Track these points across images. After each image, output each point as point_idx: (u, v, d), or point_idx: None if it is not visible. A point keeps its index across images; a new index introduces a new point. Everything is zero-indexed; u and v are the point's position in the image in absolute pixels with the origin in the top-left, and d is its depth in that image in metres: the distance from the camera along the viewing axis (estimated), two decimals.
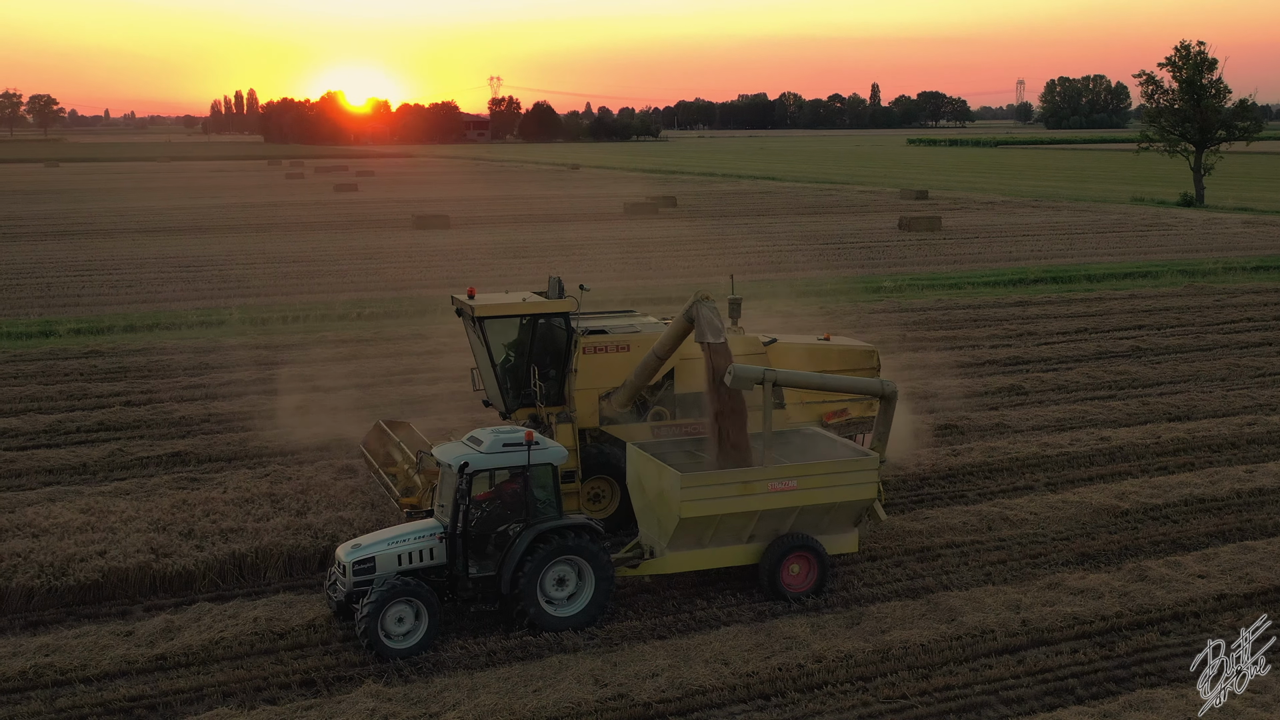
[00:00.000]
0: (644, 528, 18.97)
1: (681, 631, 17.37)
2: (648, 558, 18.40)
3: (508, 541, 17.04)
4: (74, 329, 42.10)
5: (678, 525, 17.75)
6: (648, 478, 18.63)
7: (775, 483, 18.19)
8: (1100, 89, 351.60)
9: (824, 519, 18.64)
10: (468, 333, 22.76)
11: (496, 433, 17.34)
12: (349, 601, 16.74)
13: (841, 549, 19.03)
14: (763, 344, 22.19)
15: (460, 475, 16.75)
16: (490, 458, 16.96)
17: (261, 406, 29.95)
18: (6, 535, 19.99)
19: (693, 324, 19.69)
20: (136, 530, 20.09)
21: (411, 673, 16.10)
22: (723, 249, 63.94)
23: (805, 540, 18.35)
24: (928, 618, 17.44)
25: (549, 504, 17.26)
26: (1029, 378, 32.71)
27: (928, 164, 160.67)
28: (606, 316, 23.52)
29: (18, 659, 16.21)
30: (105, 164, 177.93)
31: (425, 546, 17.00)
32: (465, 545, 16.91)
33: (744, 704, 15.31)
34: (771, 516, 18.24)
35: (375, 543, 17.09)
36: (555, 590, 17.14)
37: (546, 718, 14.75)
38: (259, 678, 15.94)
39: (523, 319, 21.73)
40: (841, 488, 18.62)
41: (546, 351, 21.78)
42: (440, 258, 60.17)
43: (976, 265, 57.07)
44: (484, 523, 17.09)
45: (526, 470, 17.04)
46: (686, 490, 17.63)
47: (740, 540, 18.36)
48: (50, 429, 28.32)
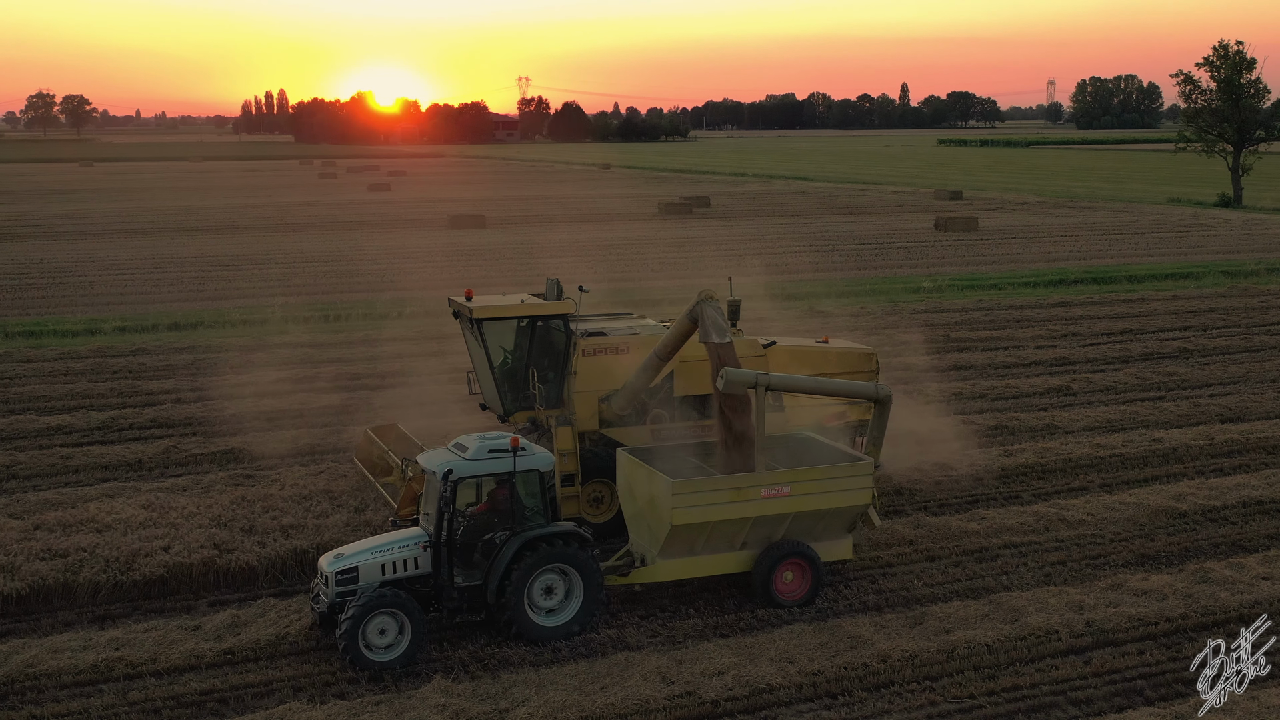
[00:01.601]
0: (635, 535, 18.56)
1: (744, 630, 17.38)
2: (639, 565, 18.04)
3: (494, 550, 16.67)
4: (119, 327, 42.43)
5: (669, 532, 17.36)
6: (638, 484, 18.23)
7: (768, 489, 17.78)
8: (1132, 89, 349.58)
9: (818, 525, 18.26)
10: (465, 335, 22.55)
11: (482, 439, 16.94)
12: (332, 613, 16.30)
13: (835, 556, 18.64)
14: (762, 346, 21.91)
15: (444, 483, 16.29)
16: (475, 464, 16.55)
17: (311, 404, 30.17)
18: (71, 530, 20.20)
19: (696, 324, 19.45)
20: (198, 526, 20.27)
21: (478, 669, 16.18)
22: (759, 249, 63.81)
23: (799, 547, 17.98)
24: (991, 618, 17.39)
25: (537, 511, 16.88)
26: (1076, 378, 32.55)
27: (959, 164, 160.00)
28: (604, 319, 23.18)
29: (89, 652, 16.37)
30: (139, 164, 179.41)
31: (409, 556, 16.56)
32: (450, 554, 16.48)
33: (811, 703, 15.32)
34: (764, 523, 17.87)
35: (358, 552, 16.66)
36: (543, 599, 16.78)
37: (616, 714, 14.80)
38: (326, 673, 16.05)
39: (520, 321, 21.48)
40: (836, 493, 18.20)
41: (545, 354, 21.51)
42: (477, 257, 60.32)
43: (1015, 266, 56.80)
44: (470, 531, 16.71)
45: (512, 477, 16.64)
46: (678, 497, 17.23)
47: (733, 547, 17.98)
48: (104, 426, 28.59)
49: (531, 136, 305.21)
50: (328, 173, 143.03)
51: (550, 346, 21.54)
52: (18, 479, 24.67)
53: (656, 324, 22.80)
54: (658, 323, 22.99)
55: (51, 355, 37.16)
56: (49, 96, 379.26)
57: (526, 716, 14.62)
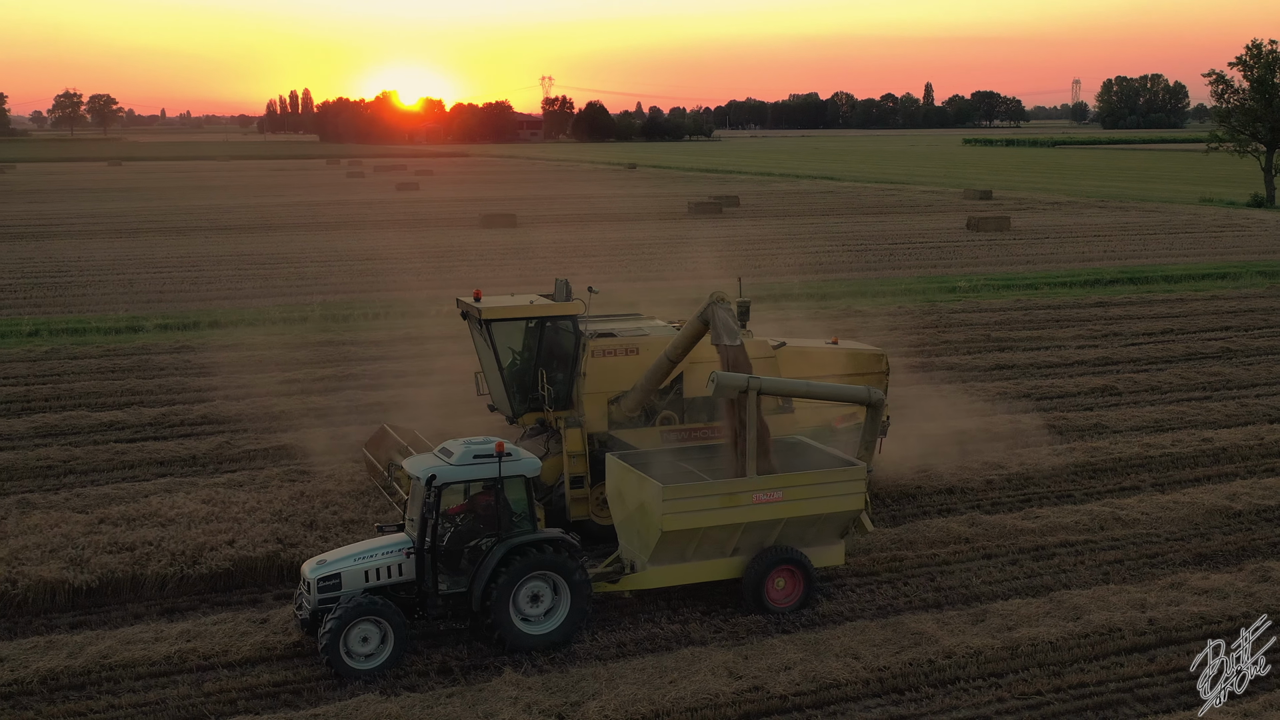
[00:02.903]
0: (624, 541, 18.31)
1: (807, 625, 17.49)
2: (628, 572, 17.79)
3: (480, 557, 16.49)
4: (160, 325, 42.78)
5: (659, 539, 17.15)
6: (628, 489, 17.98)
7: (760, 494, 17.54)
8: (1158, 88, 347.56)
9: (810, 531, 18.06)
10: (473, 336, 22.44)
11: (468, 444, 16.69)
12: (315, 620, 16.17)
13: (827, 562, 18.45)
14: (772, 348, 21.77)
15: (428, 488, 16.15)
16: (459, 470, 16.34)
17: (358, 401, 30.39)
18: (136, 524, 20.47)
19: (707, 326, 19.28)
20: (260, 521, 20.51)
21: (546, 663, 16.33)
22: (792, 248, 63.95)
23: (791, 553, 17.77)
24: (1053, 615, 17.43)
25: (524, 517, 16.69)
26: (1121, 378, 32.52)
27: (986, 164, 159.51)
28: (613, 319, 23.04)
29: (161, 644, 16.60)
30: (166, 162, 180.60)
31: (393, 562, 16.36)
32: (434, 561, 16.31)
33: (878, 698, 15.42)
34: (756, 529, 17.65)
35: (341, 558, 16.48)
36: (529, 607, 16.54)
37: (685, 708, 14.93)
38: (397, 666, 16.21)
39: (529, 322, 21.35)
40: (828, 499, 17.96)
41: (554, 355, 21.36)
42: (511, 256, 60.51)
43: (1050, 266, 56.66)
44: (455, 537, 16.52)
45: (498, 483, 16.46)
46: (669, 502, 17.00)
47: (724, 553, 17.76)
48: (155, 422, 28.89)
49: (555, 136, 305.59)
50: (355, 172, 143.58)
51: (559, 347, 21.39)
52: (75, 474, 24.99)
53: (665, 325, 22.65)
54: (666, 324, 22.83)
55: (97, 352, 37.51)
56: (76, 96, 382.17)
57: (598, 709, 14.76)
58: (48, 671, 15.78)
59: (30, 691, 15.49)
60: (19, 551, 19.07)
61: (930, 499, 23.06)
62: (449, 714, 14.66)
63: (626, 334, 21.68)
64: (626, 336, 21.52)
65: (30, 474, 24.85)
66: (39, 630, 17.41)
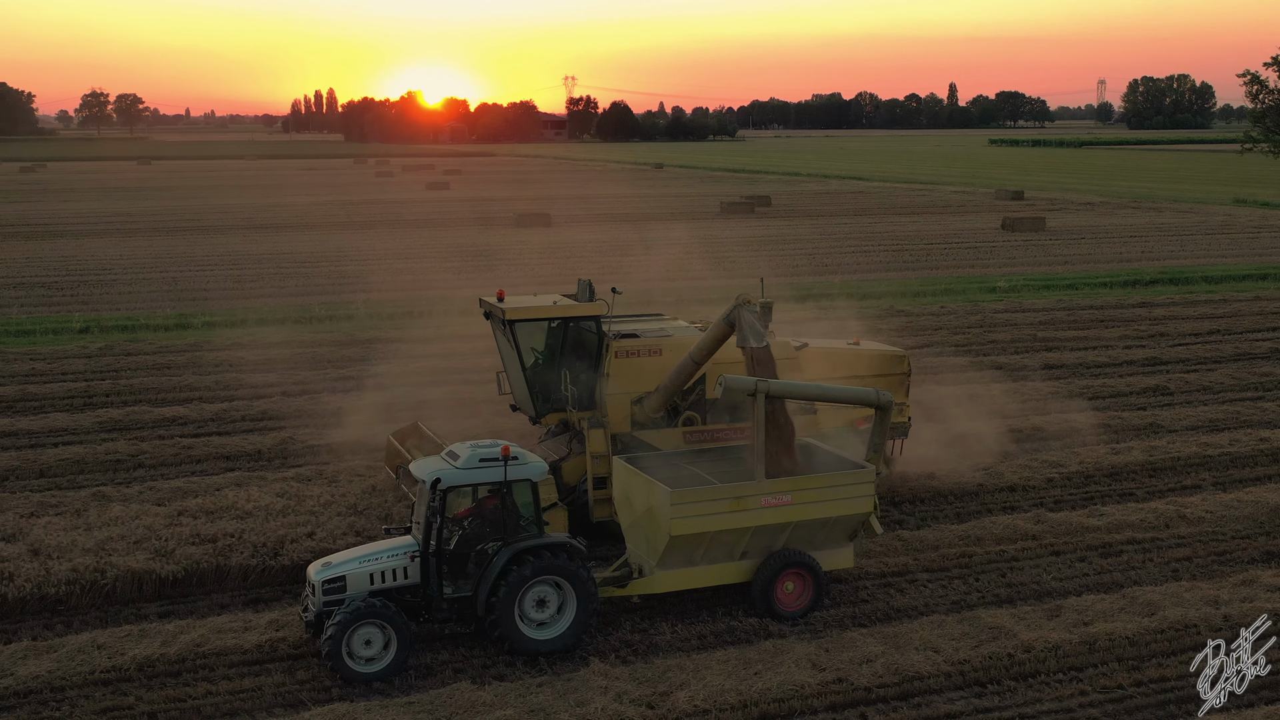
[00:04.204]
0: (632, 545, 18.25)
1: (883, 619, 17.71)
2: (636, 576, 17.70)
3: (485, 561, 16.41)
4: (208, 322, 43.20)
5: (668, 543, 17.08)
6: (635, 493, 17.91)
7: (768, 497, 17.45)
8: (1185, 89, 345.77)
9: (819, 534, 17.99)
10: (496, 336, 22.50)
11: (475, 447, 16.63)
12: (319, 622, 16.12)
13: (837, 565, 18.35)
14: (794, 349, 21.79)
15: (433, 491, 16.11)
16: (464, 473, 16.25)
17: (413, 397, 30.65)
18: (215, 517, 20.84)
19: (733, 328, 19.28)
20: (336, 514, 20.84)
21: (629, 654, 16.60)
22: (828, 248, 64.18)
23: (800, 557, 17.67)
24: (1127, 611, 17.59)
25: (530, 521, 16.61)
26: (1172, 378, 32.60)
27: (1014, 164, 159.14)
28: (636, 320, 23.03)
29: (251, 633, 16.91)
30: (194, 161, 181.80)
31: (398, 565, 16.28)
32: (439, 564, 16.27)
33: (960, 690, 15.62)
34: (765, 532, 17.58)
35: (346, 561, 16.43)
36: (535, 612, 16.40)
37: (772, 699, 15.16)
38: (483, 655, 16.50)
39: (552, 322, 21.40)
40: (837, 501, 17.86)
41: (577, 355, 21.37)
42: (549, 256, 60.78)
43: (1088, 266, 56.67)
44: (461, 541, 16.46)
45: (503, 487, 16.40)
46: (677, 507, 16.92)
47: (732, 557, 17.68)
48: (217, 417, 29.28)
49: (579, 136, 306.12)
50: (384, 171, 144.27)
51: (582, 348, 21.40)
52: (144, 468, 25.39)
53: (688, 325, 22.68)
54: (689, 324, 22.87)
55: (150, 349, 38.00)
56: (103, 95, 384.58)
57: (688, 699, 15.02)
58: (144, 659, 16.12)
59: (129, 678, 15.84)
60: (104, 542, 19.47)
61: (993, 496, 23.24)
62: (542, 703, 14.93)
63: (650, 335, 21.71)
64: (650, 337, 21.55)
65: (100, 467, 25.27)
66: (130, 619, 17.79)
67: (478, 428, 27.04)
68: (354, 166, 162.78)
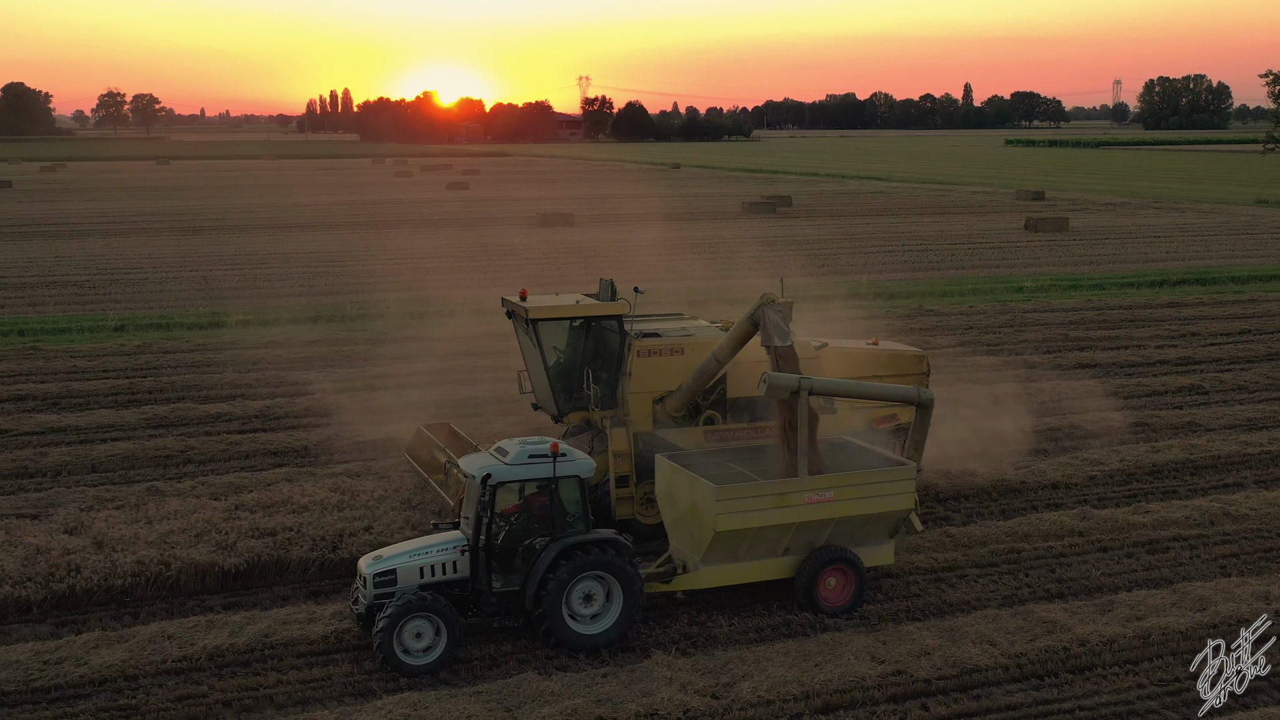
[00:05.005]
0: (675, 541, 18.39)
1: (937, 614, 17.93)
2: (680, 572, 17.88)
3: (533, 556, 16.65)
4: (241, 320, 43.51)
5: (713, 539, 17.26)
6: (679, 490, 18.07)
7: (812, 494, 17.64)
8: (1201, 89, 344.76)
9: (860, 530, 18.18)
10: (518, 335, 22.66)
11: (523, 443, 16.87)
12: (370, 614, 16.41)
13: (878, 561, 18.55)
14: (814, 349, 21.87)
15: (483, 487, 16.35)
16: (514, 469, 16.50)
17: (454, 395, 30.98)
18: (271, 511, 21.14)
19: (757, 327, 19.41)
20: (391, 509, 21.13)
21: (689, 646, 16.85)
22: (852, 248, 64.35)
23: (842, 553, 17.85)
24: (1179, 606, 17.79)
25: (577, 517, 16.81)
26: (1206, 377, 32.75)
27: (1031, 165, 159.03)
28: (657, 319, 23.13)
29: (315, 624, 17.20)
30: (212, 161, 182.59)
31: (448, 559, 16.52)
32: (489, 559, 16.51)
33: (1019, 683, 15.83)
34: (808, 529, 17.77)
35: (397, 554, 16.68)
36: (582, 607, 16.59)
37: (834, 690, 15.40)
38: (546, 647, 16.71)
39: (575, 321, 21.53)
40: (879, 498, 18.05)
41: (599, 354, 21.50)
42: (575, 255, 61.05)
43: (1113, 266, 56.75)
44: (509, 536, 16.69)
45: (552, 483, 16.64)
46: (722, 503, 17.09)
47: (775, 553, 17.86)
48: (261, 414, 29.61)
49: (594, 136, 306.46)
50: (402, 171, 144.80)
51: (605, 347, 21.52)
52: (193, 463, 25.72)
53: (709, 325, 22.81)
54: (710, 323, 23.01)
55: (187, 347, 38.39)
56: (119, 95, 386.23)
57: (751, 690, 15.27)
58: (214, 649, 16.43)
59: (200, 668, 16.14)
60: (166, 536, 19.80)
61: (1037, 494, 23.43)
62: (608, 693, 15.19)
63: (671, 334, 21.85)
64: (672, 337, 21.69)
65: (151, 463, 25.60)
66: (195, 610, 18.10)
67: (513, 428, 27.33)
68: (372, 166, 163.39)
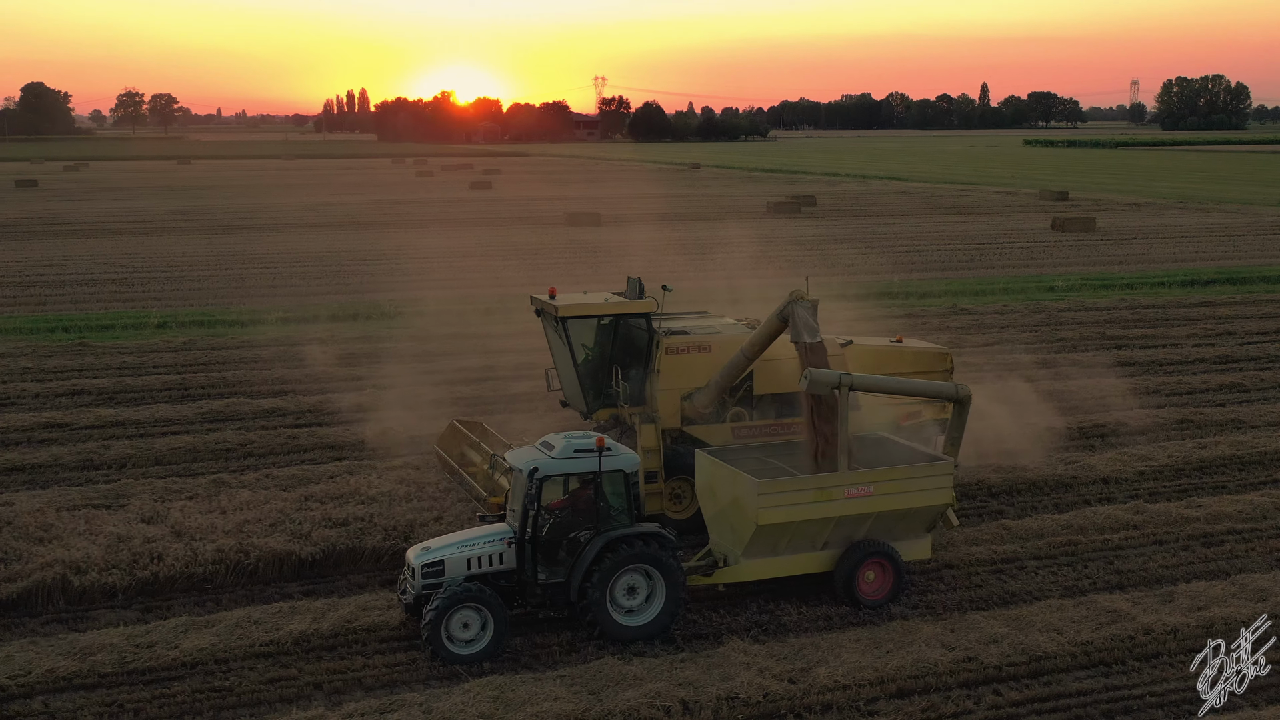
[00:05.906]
0: (716, 535, 18.66)
1: (1000, 603, 18.31)
2: (721, 565, 18.17)
3: (578, 548, 16.95)
4: (281, 318, 43.91)
5: (754, 532, 17.51)
6: (720, 484, 18.36)
7: (851, 489, 17.94)
8: (1219, 89, 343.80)
9: (898, 525, 18.42)
10: (547, 333, 22.96)
11: (569, 438, 17.14)
12: (418, 604, 16.75)
13: (915, 555, 18.77)
14: (840, 346, 22.09)
15: (530, 480, 16.64)
16: (560, 463, 16.78)
17: (504, 391, 31.41)
18: (341, 501, 21.60)
19: (786, 324, 19.65)
20: (459, 500, 21.55)
21: (761, 633, 17.26)
22: (881, 248, 64.60)
23: (881, 547, 18.10)
24: (1239, 597, 18.13)
25: (621, 511, 17.07)
26: (1246, 375, 33.03)
27: (1052, 165, 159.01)
28: (684, 317, 23.25)
29: (394, 611, 17.61)
30: (232, 160, 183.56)
31: (495, 551, 16.85)
32: (534, 551, 16.80)
33: (1087, 670, 16.20)
34: (847, 523, 18.04)
35: (445, 546, 17.02)
36: (626, 599, 16.89)
37: (908, 675, 15.79)
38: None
39: (603, 319, 21.77)
40: (917, 493, 18.33)
41: (628, 352, 21.76)
42: (605, 255, 61.34)
43: (1144, 266, 56.96)
44: (555, 529, 16.97)
45: (598, 476, 16.93)
46: (764, 497, 17.36)
47: (814, 547, 18.13)
48: (314, 409, 30.06)
49: (610, 136, 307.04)
50: (424, 170, 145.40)
51: (633, 345, 21.77)
52: (254, 456, 26.19)
53: (735, 322, 23.11)
54: (736, 321, 23.28)
55: (233, 344, 38.88)
56: (138, 95, 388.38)
57: (828, 675, 15.66)
58: (299, 634, 16.88)
59: (287, 651, 16.60)
60: (241, 525, 20.30)
61: (1088, 488, 23.76)
62: (689, 677, 15.60)
63: (699, 332, 22.18)
64: (699, 334, 22.00)
65: (212, 456, 26.10)
66: (276, 597, 18.57)
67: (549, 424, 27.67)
68: (393, 166, 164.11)
